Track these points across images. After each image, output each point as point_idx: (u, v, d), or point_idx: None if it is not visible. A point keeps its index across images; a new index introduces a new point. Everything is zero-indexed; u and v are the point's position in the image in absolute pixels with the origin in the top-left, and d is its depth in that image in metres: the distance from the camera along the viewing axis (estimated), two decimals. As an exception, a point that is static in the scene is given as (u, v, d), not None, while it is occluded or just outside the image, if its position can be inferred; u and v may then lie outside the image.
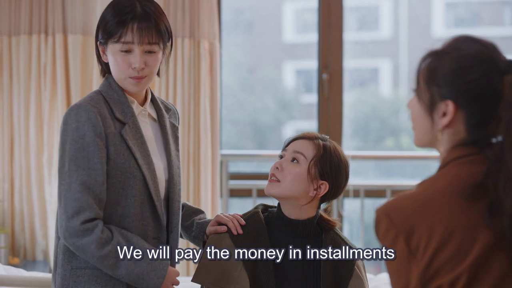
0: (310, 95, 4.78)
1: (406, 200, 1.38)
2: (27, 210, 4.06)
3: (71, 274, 2.03)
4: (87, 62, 4.03)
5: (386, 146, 4.97)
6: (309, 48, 4.59)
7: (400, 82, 5.20)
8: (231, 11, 4.94)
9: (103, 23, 2.05)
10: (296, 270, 2.09)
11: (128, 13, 2.01)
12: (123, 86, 2.08)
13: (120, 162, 2.01)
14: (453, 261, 1.32)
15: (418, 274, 1.33)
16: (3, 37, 4.03)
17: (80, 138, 1.96)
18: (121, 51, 2.02)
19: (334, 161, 2.12)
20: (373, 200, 4.49)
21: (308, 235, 2.12)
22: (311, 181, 2.09)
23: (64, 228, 1.96)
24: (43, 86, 4.01)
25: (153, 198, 2.06)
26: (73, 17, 4.01)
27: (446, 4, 5.22)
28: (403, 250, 1.34)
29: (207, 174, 4.04)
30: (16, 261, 3.94)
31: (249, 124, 5.02)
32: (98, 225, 1.96)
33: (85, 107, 1.99)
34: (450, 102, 1.39)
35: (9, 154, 4.07)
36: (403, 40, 5.14)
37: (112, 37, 2.02)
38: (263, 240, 2.09)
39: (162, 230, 2.10)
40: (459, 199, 1.34)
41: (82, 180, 1.95)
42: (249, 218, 2.15)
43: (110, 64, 2.07)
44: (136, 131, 2.06)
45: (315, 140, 2.13)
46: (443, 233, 1.32)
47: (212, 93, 4.06)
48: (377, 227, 1.39)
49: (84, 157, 1.96)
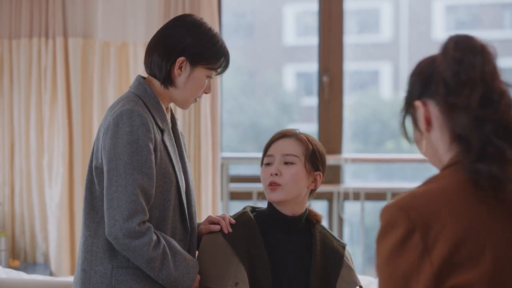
0: (311, 98, 4.78)
1: (422, 196, 1.36)
2: (27, 213, 4.06)
3: (113, 273, 2.07)
4: (88, 65, 4.03)
5: (386, 149, 4.96)
6: (310, 51, 4.59)
7: (400, 85, 5.20)
8: (231, 14, 4.94)
9: (205, 47, 2.14)
10: (289, 260, 2.15)
11: (225, 47, 2.21)
12: (183, 103, 2.19)
13: (162, 167, 2.08)
14: (471, 261, 1.30)
15: (432, 272, 1.30)
16: (4, 40, 4.03)
17: (134, 142, 2.01)
18: (208, 76, 2.16)
19: (320, 150, 2.20)
20: (373, 203, 4.48)
21: (299, 230, 2.19)
22: (308, 176, 2.16)
23: (118, 228, 1.99)
24: (43, 90, 4.01)
25: (183, 203, 2.14)
26: (73, 20, 4.01)
27: (446, 7, 5.22)
28: (419, 245, 1.30)
29: (207, 176, 4.04)
30: (16, 264, 3.94)
31: (249, 127, 5.02)
32: (150, 228, 2.02)
33: (138, 112, 2.04)
34: (417, 102, 1.42)
35: (10, 158, 4.07)
36: (404, 43, 5.14)
37: (211, 64, 2.15)
38: (256, 237, 2.14)
39: (187, 233, 2.18)
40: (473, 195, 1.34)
41: (138, 183, 2.00)
42: (239, 217, 2.22)
43: (184, 82, 2.15)
44: (171, 138, 2.17)
45: (295, 136, 2.20)
46: (460, 230, 1.31)
47: (212, 96, 4.06)
48: (391, 224, 1.35)
49: (138, 161, 2.01)
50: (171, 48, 2.14)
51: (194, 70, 2.14)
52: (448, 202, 1.33)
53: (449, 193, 1.34)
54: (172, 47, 2.14)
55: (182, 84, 2.15)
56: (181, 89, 2.16)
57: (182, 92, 2.16)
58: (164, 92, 2.17)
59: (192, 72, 2.14)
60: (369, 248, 4.71)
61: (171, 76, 2.15)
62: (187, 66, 2.14)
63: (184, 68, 2.14)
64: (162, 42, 2.16)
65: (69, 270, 4.03)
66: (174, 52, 2.13)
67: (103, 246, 2.08)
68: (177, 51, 2.13)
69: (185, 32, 2.15)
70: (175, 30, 2.16)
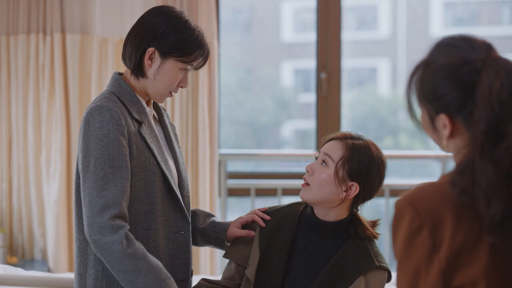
0: (309, 95, 4.78)
1: (431, 190, 1.35)
2: (25, 209, 4.06)
3: (104, 274, 2.03)
4: (85, 62, 4.03)
5: (384, 146, 4.97)
6: (308, 47, 4.59)
7: (398, 82, 5.20)
8: (229, 10, 4.94)
9: (176, 38, 2.06)
10: (309, 262, 2.09)
11: (202, 39, 2.09)
12: (156, 95, 2.12)
13: (141, 160, 2.04)
14: (470, 258, 1.30)
15: (440, 268, 1.30)
16: (1, 36, 4.02)
17: (104, 136, 1.97)
18: (181, 69, 2.09)
19: (364, 161, 2.05)
20: (371, 199, 4.48)
21: (334, 237, 2.09)
22: (340, 184, 2.05)
23: (89, 224, 1.94)
24: (41, 86, 4.01)
25: (175, 193, 2.10)
26: (71, 17, 4.01)
27: (444, 4, 5.22)
28: (427, 242, 1.31)
29: (205, 173, 4.04)
30: (14, 261, 3.94)
31: (247, 123, 5.02)
32: (125, 227, 1.94)
33: (107, 107, 2.00)
34: (443, 115, 1.37)
35: (8, 154, 4.07)
36: (402, 40, 5.14)
37: (184, 56, 2.07)
38: (287, 229, 2.11)
39: (188, 223, 2.14)
40: None
41: (108, 177, 1.96)
42: (286, 207, 2.19)
43: (154, 73, 2.09)
44: (151, 130, 2.10)
45: (344, 140, 2.08)
46: (464, 230, 1.31)
47: (210, 93, 4.06)
48: (399, 218, 1.34)
49: (110, 155, 1.97)
50: (142, 37, 2.08)
51: (165, 61, 2.08)
52: (454, 199, 1.33)
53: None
54: (142, 36, 2.08)
55: (152, 75, 2.09)
56: (151, 81, 2.09)
57: (153, 84, 2.10)
58: (139, 84, 2.11)
59: (163, 64, 2.08)
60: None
61: (142, 66, 2.09)
62: (157, 57, 2.08)
63: (154, 59, 2.08)
64: (135, 32, 2.11)
65: (67, 266, 4.03)
66: (144, 42, 2.08)
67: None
68: (147, 41, 2.08)
69: (158, 22, 2.08)
70: (148, 19, 2.10)
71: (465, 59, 1.35)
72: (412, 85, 1.42)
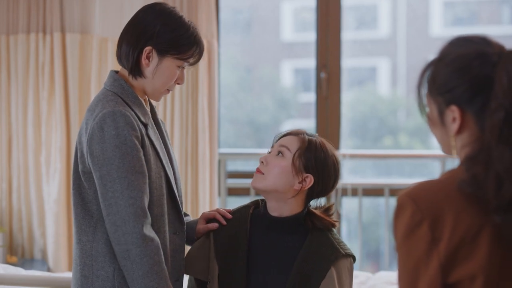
0: (308, 94, 4.78)
1: (433, 186, 1.36)
2: (25, 209, 4.06)
3: (115, 275, 2.02)
4: (85, 61, 4.03)
5: (384, 145, 4.97)
6: (307, 47, 4.59)
7: (398, 81, 5.21)
8: (229, 10, 4.94)
9: (172, 36, 2.05)
10: (272, 262, 2.08)
11: (197, 35, 2.08)
12: (153, 94, 2.11)
13: (152, 163, 2.03)
14: (469, 252, 1.32)
15: (439, 262, 1.31)
16: (1, 36, 4.03)
17: (122, 144, 1.96)
18: (178, 66, 2.08)
19: (320, 155, 2.07)
20: (371, 199, 4.49)
21: (292, 233, 2.09)
22: (296, 174, 2.06)
23: (121, 234, 1.95)
24: (41, 85, 4.01)
25: (175, 194, 2.10)
26: (71, 16, 4.01)
27: (444, 3, 5.22)
28: (427, 236, 1.32)
29: (205, 172, 4.04)
30: (14, 260, 3.94)
31: (247, 123, 5.02)
32: (154, 239, 1.98)
33: (120, 112, 1.98)
34: (454, 106, 1.38)
35: (7, 154, 4.07)
36: (401, 39, 5.14)
37: (181, 53, 2.06)
38: (241, 234, 2.10)
39: (183, 224, 2.14)
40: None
41: (133, 184, 1.96)
42: (236, 212, 2.18)
43: (153, 72, 2.07)
44: (155, 131, 2.10)
45: (300, 135, 2.11)
46: (464, 225, 1.32)
47: (210, 92, 4.06)
48: (400, 212, 1.36)
49: (130, 162, 1.96)
50: (137, 36, 2.07)
51: (162, 60, 2.06)
52: (455, 195, 1.34)
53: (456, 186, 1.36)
54: (139, 35, 2.07)
55: (150, 74, 2.07)
56: (149, 80, 2.08)
57: (151, 83, 2.08)
58: (137, 84, 2.10)
59: (161, 62, 2.06)
60: (366, 244, 4.73)
61: (139, 66, 2.08)
62: (154, 56, 2.06)
63: (152, 58, 2.06)
64: (130, 31, 2.10)
65: (67, 266, 4.03)
66: (141, 41, 2.06)
67: (103, 249, 2.03)
68: (143, 40, 2.06)
69: (153, 20, 2.07)
70: (143, 18, 2.09)
71: (480, 52, 1.37)
72: (423, 81, 1.43)
